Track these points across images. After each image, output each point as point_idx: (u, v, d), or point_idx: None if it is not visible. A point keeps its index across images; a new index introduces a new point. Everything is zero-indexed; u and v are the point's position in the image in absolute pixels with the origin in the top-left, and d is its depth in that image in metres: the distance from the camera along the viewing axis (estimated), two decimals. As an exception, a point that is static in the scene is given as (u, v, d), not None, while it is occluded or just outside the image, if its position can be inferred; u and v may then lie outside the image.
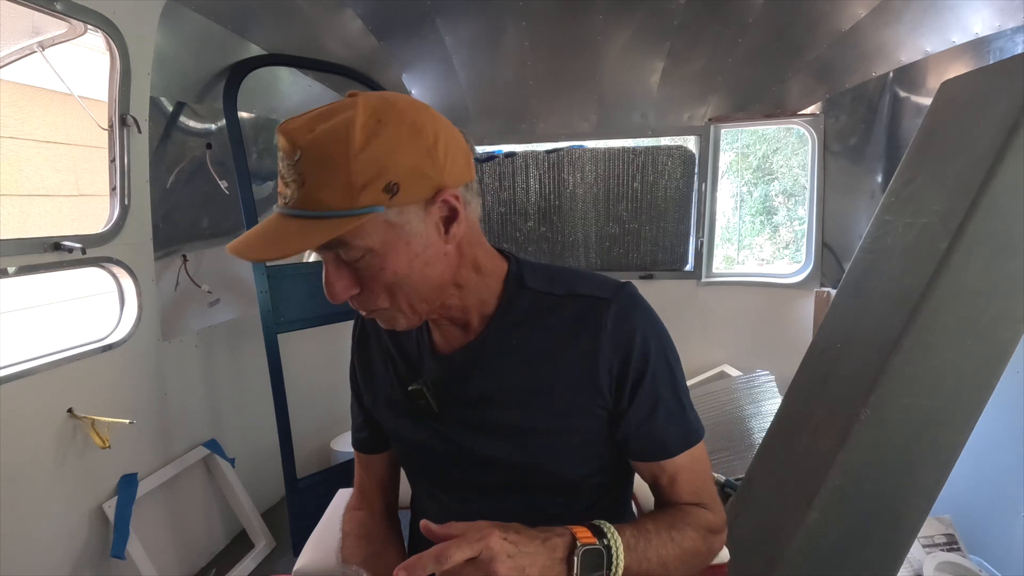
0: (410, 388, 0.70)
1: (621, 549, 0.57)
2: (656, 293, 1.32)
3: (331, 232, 0.53)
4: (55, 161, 3.32)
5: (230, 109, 1.81)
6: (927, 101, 1.68)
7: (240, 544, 2.03)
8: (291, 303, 1.92)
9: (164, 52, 1.58)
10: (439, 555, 0.50)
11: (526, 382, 0.67)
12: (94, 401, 1.49)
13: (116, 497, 1.55)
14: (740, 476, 1.74)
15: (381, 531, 0.82)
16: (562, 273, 0.71)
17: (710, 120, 2.43)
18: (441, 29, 1.99)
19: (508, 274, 0.69)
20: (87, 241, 1.46)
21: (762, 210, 5.51)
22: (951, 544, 1.60)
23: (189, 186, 1.85)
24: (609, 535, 0.57)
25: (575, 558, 0.54)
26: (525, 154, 2.63)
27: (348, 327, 0.86)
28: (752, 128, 2.58)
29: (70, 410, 1.43)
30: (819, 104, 2.28)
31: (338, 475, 2.10)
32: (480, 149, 2.62)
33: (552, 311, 0.67)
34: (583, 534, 0.56)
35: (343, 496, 1.11)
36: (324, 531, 0.96)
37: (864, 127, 2.17)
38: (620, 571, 0.56)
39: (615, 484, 0.75)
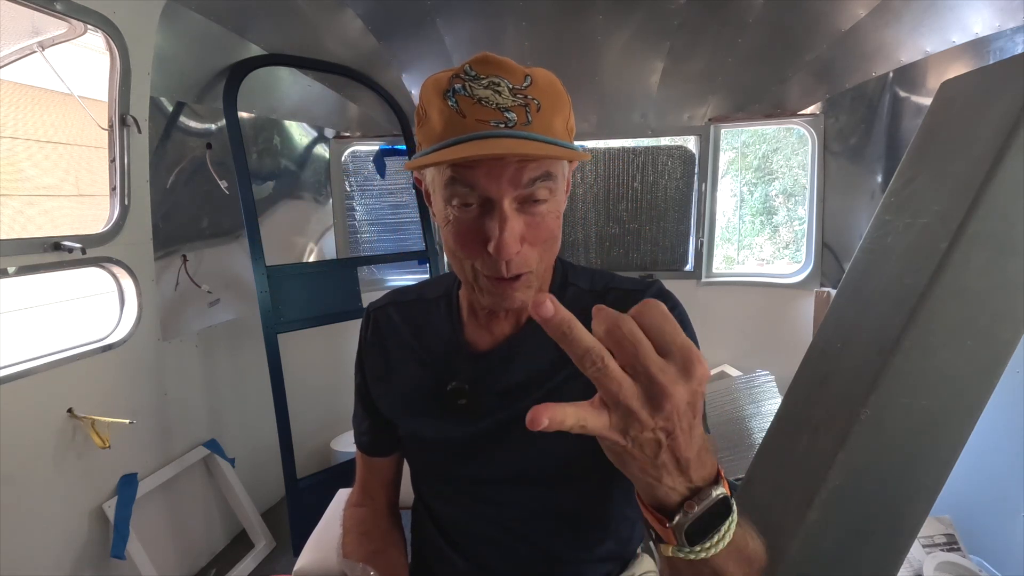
0: (449, 387, 0.71)
1: (734, 520, 0.43)
2: (656, 293, 1.32)
3: (566, 154, 0.57)
4: (55, 161, 3.32)
5: (230, 109, 1.81)
6: (927, 101, 1.68)
7: (240, 544, 2.03)
8: (291, 303, 1.92)
9: (164, 52, 1.58)
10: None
11: (560, 373, 0.68)
12: (94, 401, 1.49)
13: (116, 497, 1.55)
14: (740, 476, 1.74)
15: (383, 528, 0.82)
16: (599, 273, 0.76)
17: (710, 120, 2.43)
18: (441, 29, 1.99)
19: (555, 269, 0.73)
20: (87, 241, 1.46)
21: (762, 210, 5.51)
22: (951, 544, 1.60)
23: (189, 186, 1.85)
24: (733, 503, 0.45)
25: (712, 492, 0.41)
26: (525, 154, 2.63)
27: (348, 327, 0.87)
28: (752, 128, 2.57)
29: (70, 410, 1.43)
30: (819, 104, 2.28)
31: (338, 475, 2.10)
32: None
33: (593, 305, 0.70)
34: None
35: (343, 496, 1.11)
36: (324, 531, 0.96)
37: (864, 127, 2.17)
38: (728, 538, 0.42)
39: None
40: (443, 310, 0.76)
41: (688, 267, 2.63)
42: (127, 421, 1.49)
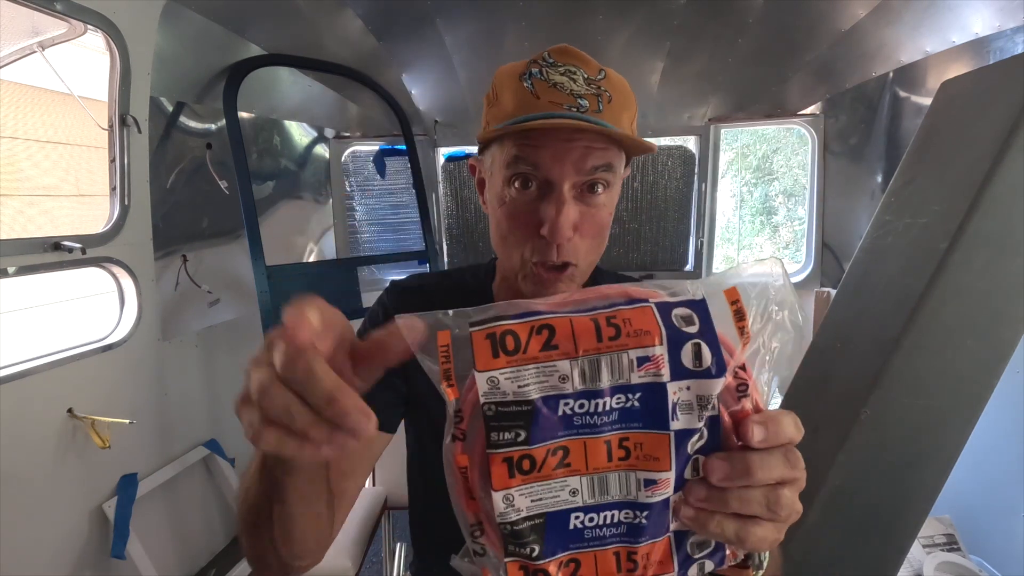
0: None
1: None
2: (656, 293, 1.32)
3: (635, 141, 0.59)
4: (55, 161, 3.32)
5: (230, 109, 1.81)
6: (927, 101, 1.68)
7: (240, 544, 2.03)
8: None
9: (164, 52, 1.58)
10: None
11: None
12: (94, 401, 1.49)
13: (116, 497, 1.54)
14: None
15: None
16: (625, 279, 0.76)
17: (710, 120, 2.43)
18: (441, 29, 1.99)
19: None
20: (87, 241, 1.46)
21: (762, 210, 5.52)
22: (951, 544, 1.60)
23: (189, 186, 1.85)
24: None
25: None
26: (525, 154, 2.63)
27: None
28: (752, 128, 2.57)
29: (70, 410, 1.43)
30: (819, 104, 2.28)
31: (338, 475, 2.10)
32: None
33: None
34: None
35: (343, 496, 1.11)
36: (324, 531, 0.96)
37: (864, 127, 2.17)
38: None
39: None
40: (478, 302, 0.71)
41: (688, 267, 2.63)
42: (127, 421, 1.49)
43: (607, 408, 0.33)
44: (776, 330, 0.36)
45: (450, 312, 0.35)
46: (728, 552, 0.37)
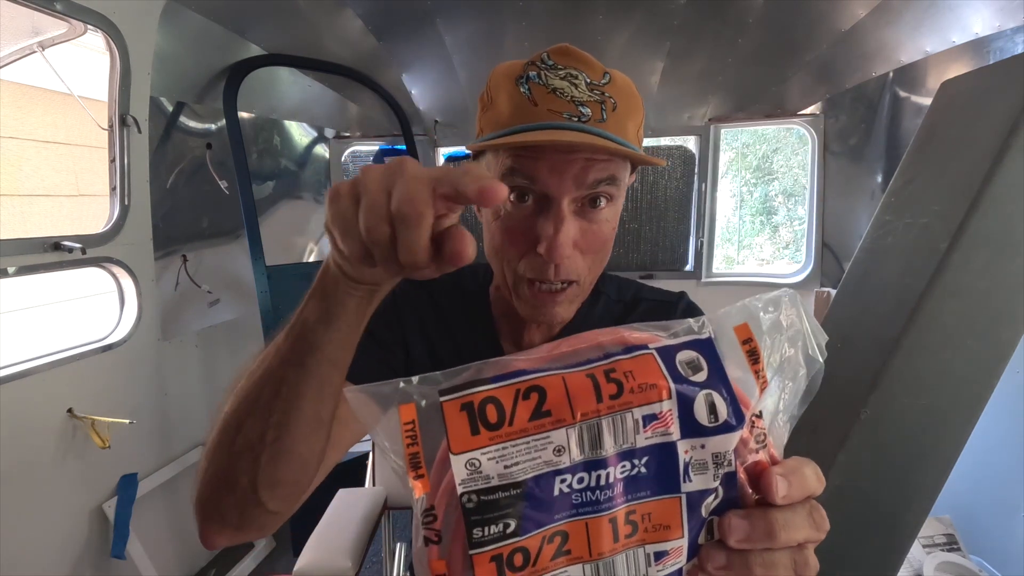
0: None
1: None
2: (656, 293, 1.32)
3: (641, 156, 0.55)
4: (55, 161, 3.32)
5: (230, 109, 1.81)
6: (927, 101, 1.68)
7: (240, 544, 2.03)
8: (291, 303, 1.88)
9: (164, 52, 1.58)
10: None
11: None
12: (94, 401, 1.49)
13: (116, 497, 1.55)
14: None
15: None
16: (626, 282, 0.73)
17: (710, 120, 2.43)
18: (441, 29, 1.99)
19: None
20: (87, 241, 1.46)
21: (762, 210, 5.51)
22: (951, 544, 1.60)
23: (189, 186, 1.85)
24: None
25: None
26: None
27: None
28: (752, 128, 2.57)
29: (70, 410, 1.43)
30: (819, 104, 2.28)
31: (338, 475, 2.10)
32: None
33: (624, 317, 0.68)
34: None
35: (343, 496, 1.11)
36: (324, 531, 0.96)
37: (864, 127, 2.17)
38: None
39: None
40: (478, 307, 0.70)
41: (688, 267, 2.63)
42: (127, 421, 1.49)
43: (611, 480, 0.28)
44: (792, 369, 0.31)
45: (414, 379, 0.29)
46: None
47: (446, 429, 0.27)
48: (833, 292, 1.97)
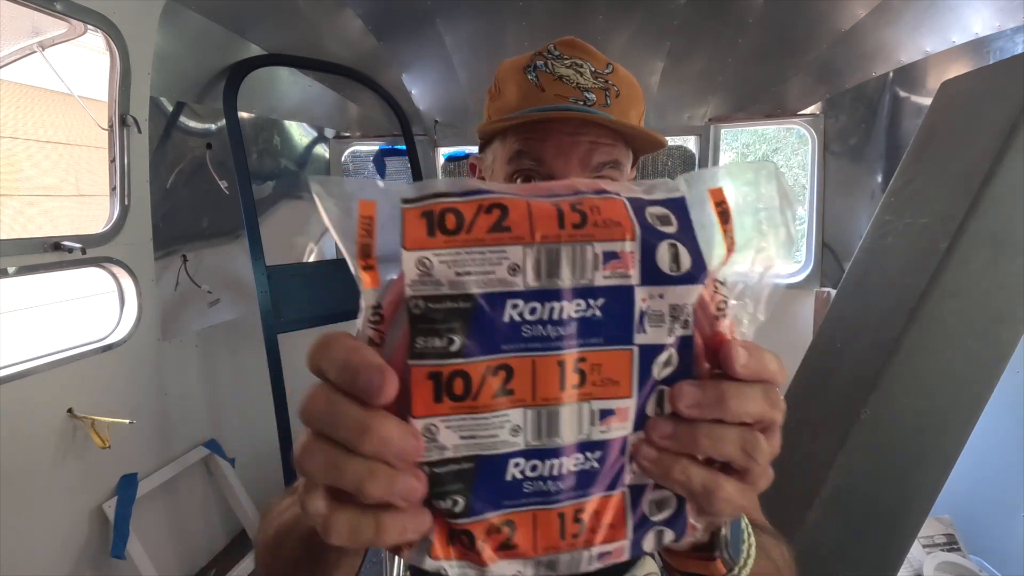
0: None
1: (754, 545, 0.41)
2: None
3: (646, 136, 0.57)
4: (55, 161, 3.32)
5: (230, 109, 1.81)
6: (927, 101, 1.68)
7: (240, 544, 2.03)
8: (291, 303, 1.92)
9: (164, 52, 1.58)
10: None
11: None
12: (94, 401, 1.49)
13: (116, 497, 1.55)
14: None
15: None
16: None
17: (710, 120, 2.43)
18: (441, 29, 1.99)
19: None
20: (87, 241, 1.46)
21: (762, 210, 5.51)
22: (951, 544, 1.60)
23: (189, 186, 1.85)
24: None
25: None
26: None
27: (348, 327, 0.86)
28: (752, 128, 2.57)
29: (70, 410, 1.43)
30: (819, 104, 2.28)
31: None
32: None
33: None
34: None
35: (343, 496, 1.10)
36: (324, 531, 0.96)
37: (864, 127, 2.17)
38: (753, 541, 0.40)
39: None
40: None
41: (688, 267, 2.63)
42: (127, 421, 1.49)
43: (564, 316, 0.26)
44: (767, 241, 0.30)
45: (380, 182, 0.27)
46: (689, 522, 0.30)
47: (403, 229, 0.25)
48: (833, 292, 1.97)
